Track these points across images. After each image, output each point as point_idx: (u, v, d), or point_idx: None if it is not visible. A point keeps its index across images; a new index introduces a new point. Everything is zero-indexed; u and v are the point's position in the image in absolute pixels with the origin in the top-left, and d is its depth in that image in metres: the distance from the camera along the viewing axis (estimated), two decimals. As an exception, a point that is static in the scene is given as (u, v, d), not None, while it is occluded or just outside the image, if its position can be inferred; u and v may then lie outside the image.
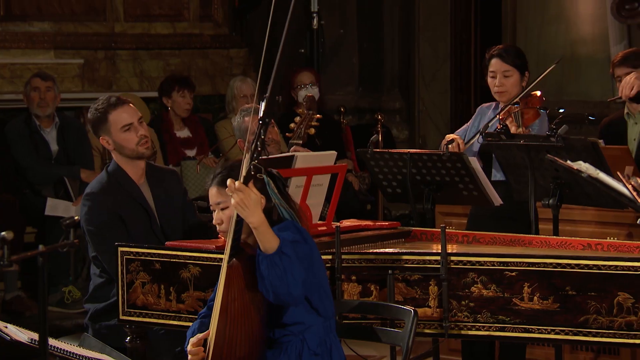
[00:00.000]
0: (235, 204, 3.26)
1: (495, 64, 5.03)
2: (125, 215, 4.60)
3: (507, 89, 4.99)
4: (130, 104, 4.70)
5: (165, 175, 4.82)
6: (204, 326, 3.46)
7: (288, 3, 3.46)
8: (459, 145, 4.84)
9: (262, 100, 3.33)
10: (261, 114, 3.31)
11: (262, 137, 3.29)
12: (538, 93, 5.00)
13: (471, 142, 4.96)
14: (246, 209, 3.25)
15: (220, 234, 3.57)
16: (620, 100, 5.13)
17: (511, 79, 4.99)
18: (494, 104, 5.14)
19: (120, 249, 4.30)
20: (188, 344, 3.44)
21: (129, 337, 4.33)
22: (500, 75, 5.00)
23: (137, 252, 4.26)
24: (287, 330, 3.41)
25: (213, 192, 3.52)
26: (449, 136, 4.94)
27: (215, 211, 3.54)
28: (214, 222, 3.55)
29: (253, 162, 3.28)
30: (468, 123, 5.19)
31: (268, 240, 3.26)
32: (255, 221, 3.25)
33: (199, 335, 3.41)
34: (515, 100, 4.92)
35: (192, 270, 4.15)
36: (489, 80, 5.06)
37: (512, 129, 4.74)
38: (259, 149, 3.29)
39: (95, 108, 4.66)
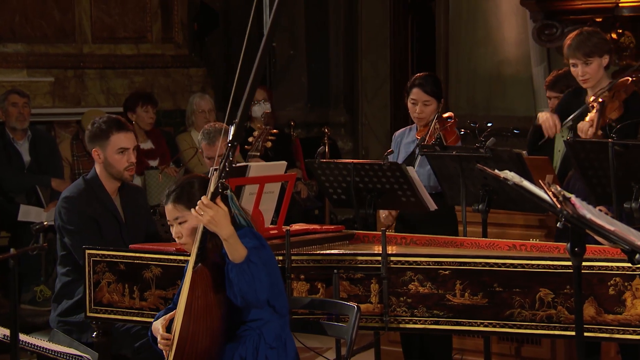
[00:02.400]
0: (206, 221, 3.23)
1: (416, 93, 5.07)
2: (99, 221, 4.57)
3: (426, 115, 5.04)
4: (132, 132, 4.69)
5: (133, 191, 4.81)
6: (169, 311, 3.44)
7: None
8: None
9: (232, 125, 3.30)
10: (230, 137, 3.29)
11: (231, 158, 3.27)
12: (450, 115, 5.06)
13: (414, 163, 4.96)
14: (217, 225, 3.23)
15: (182, 247, 3.54)
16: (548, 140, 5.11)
17: (430, 107, 5.04)
18: (407, 128, 5.18)
19: (87, 251, 4.25)
20: (157, 322, 3.42)
21: (95, 333, 4.28)
22: (420, 104, 5.05)
23: (103, 255, 4.22)
24: (246, 325, 3.39)
25: (169, 208, 3.46)
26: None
27: (173, 226, 3.49)
28: (173, 236, 3.51)
29: (220, 181, 3.25)
30: (389, 151, 5.13)
31: (237, 250, 3.24)
32: (225, 234, 3.24)
33: (166, 316, 3.39)
34: (434, 123, 4.96)
35: (154, 270, 4.12)
36: (410, 106, 5.10)
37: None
38: (227, 169, 3.26)
39: (100, 122, 4.60)
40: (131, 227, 4.64)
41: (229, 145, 3.26)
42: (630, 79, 4.87)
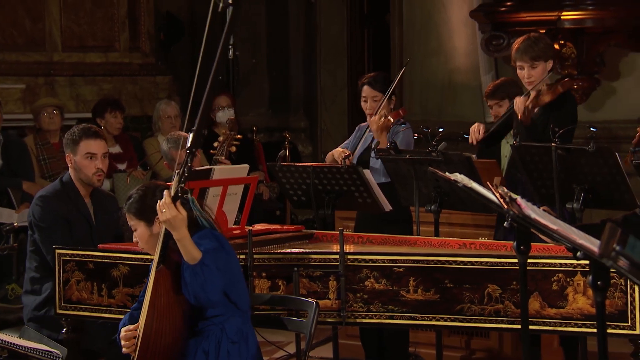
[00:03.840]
0: (164, 220, 3.24)
1: (366, 90, 5.12)
2: (71, 221, 4.56)
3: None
4: (103, 139, 4.70)
5: (106, 198, 4.83)
6: (133, 318, 3.42)
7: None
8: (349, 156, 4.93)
9: (190, 132, 3.30)
10: (189, 144, 3.29)
11: (189, 165, 3.27)
12: (401, 112, 5.09)
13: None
14: (172, 225, 3.24)
15: (142, 250, 3.55)
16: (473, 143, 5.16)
17: (379, 103, 5.07)
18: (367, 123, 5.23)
19: (57, 251, 4.22)
20: (120, 332, 3.40)
21: (64, 329, 4.23)
22: (370, 100, 5.09)
23: (72, 254, 4.19)
24: (208, 321, 3.38)
25: (127, 216, 3.50)
26: (340, 151, 4.98)
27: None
28: (133, 240, 3.53)
29: (180, 185, 3.26)
30: (349, 139, 5.25)
31: (190, 252, 3.24)
32: (179, 236, 3.25)
33: (130, 327, 3.37)
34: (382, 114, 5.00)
35: (121, 269, 4.09)
36: (362, 104, 5.15)
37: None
38: (186, 174, 3.27)
39: (75, 130, 4.66)
40: (101, 231, 4.64)
41: (188, 152, 3.27)
42: (568, 79, 4.96)
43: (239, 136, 5.30)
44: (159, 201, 3.27)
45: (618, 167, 4.28)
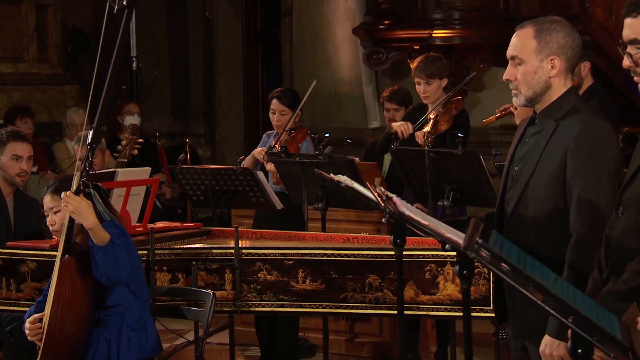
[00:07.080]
0: (70, 211, 3.15)
1: (275, 104, 5.12)
2: None
3: (283, 123, 5.09)
4: (29, 144, 4.58)
5: (29, 201, 4.66)
6: (38, 310, 3.33)
7: (113, 48, 3.39)
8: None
9: (90, 129, 3.24)
10: (89, 140, 3.22)
11: (90, 159, 3.21)
12: (304, 127, 5.13)
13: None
14: (80, 215, 3.16)
15: (54, 234, 3.45)
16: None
17: (286, 116, 5.09)
18: (274, 131, 5.22)
19: (-34, 248, 4.05)
20: (25, 323, 3.30)
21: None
22: (277, 113, 5.09)
23: (-19, 251, 4.03)
24: (109, 311, 3.31)
25: (47, 199, 3.41)
26: (259, 150, 5.00)
27: (49, 215, 3.42)
28: (48, 224, 3.43)
29: (82, 179, 3.19)
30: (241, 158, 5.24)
31: (101, 236, 3.18)
32: (90, 224, 3.18)
33: (35, 315, 3.28)
34: (289, 129, 5.01)
35: (29, 265, 3.96)
36: (270, 115, 5.14)
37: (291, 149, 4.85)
38: (87, 169, 3.20)
39: (2, 132, 4.56)
40: (19, 231, 4.48)
41: (88, 147, 3.20)
42: (460, 97, 5.05)
43: (140, 140, 5.23)
44: (62, 193, 3.19)
45: (482, 168, 4.39)
